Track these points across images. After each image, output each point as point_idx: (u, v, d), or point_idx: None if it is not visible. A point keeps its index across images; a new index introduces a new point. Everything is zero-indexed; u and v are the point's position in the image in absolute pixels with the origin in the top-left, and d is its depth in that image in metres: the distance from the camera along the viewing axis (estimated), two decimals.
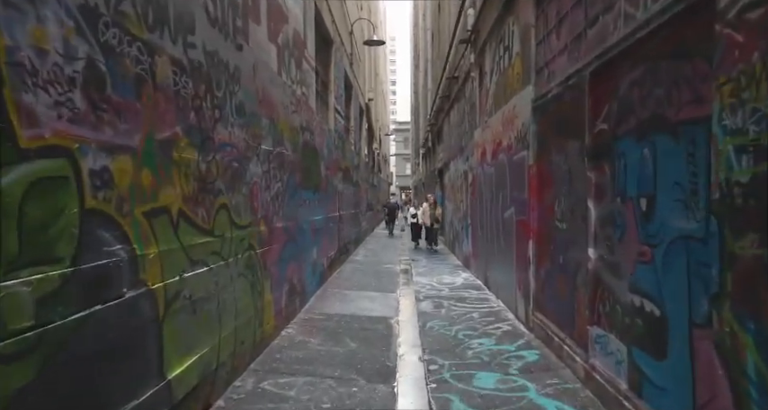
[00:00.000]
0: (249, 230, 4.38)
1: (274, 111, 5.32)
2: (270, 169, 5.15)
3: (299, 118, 6.68)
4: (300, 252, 6.64)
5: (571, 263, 4.15)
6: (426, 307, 6.88)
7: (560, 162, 4.44)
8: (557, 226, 4.54)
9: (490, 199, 7.69)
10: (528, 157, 5.40)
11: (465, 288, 8.29)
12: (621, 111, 3.18)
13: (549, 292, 4.77)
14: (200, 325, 3.22)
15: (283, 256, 5.68)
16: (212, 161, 3.52)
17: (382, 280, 9.25)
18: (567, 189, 4.26)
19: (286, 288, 5.78)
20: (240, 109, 4.18)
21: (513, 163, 6.07)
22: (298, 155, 6.55)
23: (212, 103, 3.54)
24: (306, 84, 7.28)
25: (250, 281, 4.40)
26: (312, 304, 7.10)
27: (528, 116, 5.33)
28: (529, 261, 5.34)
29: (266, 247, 4.94)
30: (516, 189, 5.96)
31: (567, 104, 4.25)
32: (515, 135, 5.95)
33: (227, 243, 3.78)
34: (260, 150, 4.77)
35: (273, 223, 5.26)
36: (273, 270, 5.23)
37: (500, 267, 7.02)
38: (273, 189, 5.29)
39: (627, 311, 3.07)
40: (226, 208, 3.79)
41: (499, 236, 7.02)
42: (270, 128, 5.16)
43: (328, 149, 9.38)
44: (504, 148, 6.63)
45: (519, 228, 5.86)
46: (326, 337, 5.40)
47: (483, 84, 8.41)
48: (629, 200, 3.05)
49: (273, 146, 5.30)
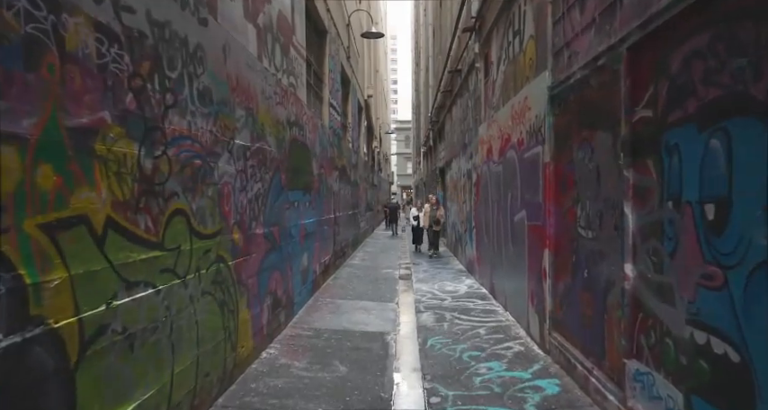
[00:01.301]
0: (218, 239, 3.72)
1: (253, 101, 4.65)
2: (247, 167, 4.48)
3: (286, 111, 6.01)
4: (286, 260, 5.97)
5: (599, 280, 3.47)
6: (427, 321, 6.21)
7: (585, 159, 3.76)
8: (580, 234, 3.87)
9: (497, 200, 7.01)
10: (543, 154, 4.72)
11: (469, 297, 7.61)
12: (674, 92, 2.51)
13: (570, 311, 4.10)
14: (140, 363, 2.56)
15: (265, 266, 5.02)
16: (162, 157, 2.85)
17: (380, 288, 8.58)
18: (593, 190, 3.59)
19: (268, 302, 5.12)
20: (205, 95, 3.51)
21: (525, 160, 5.40)
22: (284, 152, 5.88)
23: (162, 86, 2.87)
24: (294, 74, 6.61)
25: (219, 300, 3.74)
26: (301, 317, 6.43)
27: (543, 107, 4.66)
28: (544, 272, 4.66)
29: (242, 258, 4.28)
30: (528, 190, 5.29)
31: (593, 90, 3.58)
32: (527, 129, 5.28)
33: (184, 256, 3.12)
34: (233, 145, 4.11)
35: (252, 229, 4.59)
36: (251, 283, 4.56)
37: (509, 276, 6.35)
38: (252, 190, 4.62)
39: (683, 348, 2.39)
40: (183, 214, 3.12)
41: (508, 241, 6.35)
42: (247, 120, 4.49)
43: (322, 146, 8.71)
44: (513, 144, 5.96)
45: (532, 235, 5.19)
46: (313, 359, 4.73)
47: (489, 76, 7.73)
48: (686, 206, 2.37)
49: (252, 141, 4.63)
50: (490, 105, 7.63)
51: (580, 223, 3.86)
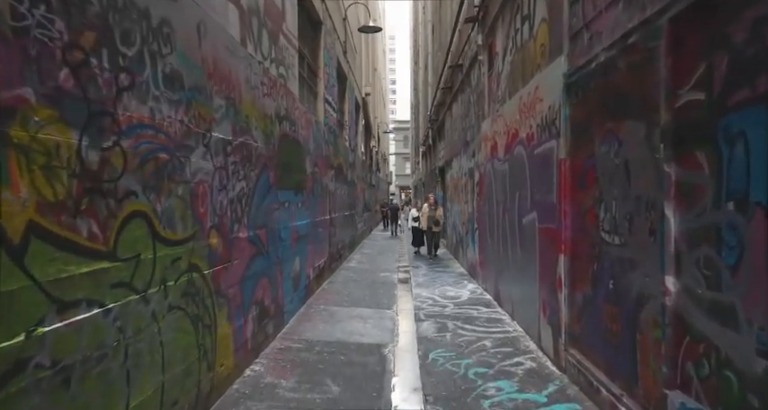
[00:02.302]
0: (190, 245, 3.24)
1: (235, 90, 4.18)
2: (228, 164, 4.00)
3: (275, 103, 5.54)
4: (275, 265, 5.49)
5: (629, 292, 3.00)
6: (428, 331, 5.74)
7: (609, 153, 3.30)
8: (603, 239, 3.40)
9: (503, 201, 6.54)
10: (557, 149, 4.26)
11: (472, 304, 7.14)
12: (738, 68, 2.04)
13: (591, 325, 3.63)
14: (80, 401, 2.08)
15: (250, 273, 4.54)
16: (114, 149, 2.37)
17: (377, 293, 8.10)
18: (621, 189, 3.12)
19: (254, 313, 4.64)
20: (173, 79, 3.03)
21: (536, 157, 4.93)
22: (272, 149, 5.40)
23: (114, 64, 2.39)
24: (285, 64, 6.14)
25: (192, 315, 3.26)
26: (292, 326, 5.95)
27: (558, 96, 4.19)
28: (559, 280, 4.19)
29: (221, 265, 3.80)
30: (540, 189, 4.82)
31: (621, 74, 3.11)
32: (538, 122, 4.81)
33: (144, 267, 2.64)
34: (210, 138, 3.63)
35: (234, 233, 4.11)
36: (233, 293, 4.09)
37: (516, 282, 5.88)
38: (234, 189, 4.15)
39: (753, 385, 1.92)
40: (143, 216, 2.65)
41: (515, 245, 5.88)
42: (228, 110, 4.01)
43: (316, 144, 8.23)
44: (521, 140, 5.49)
45: (543, 238, 4.72)
46: (303, 377, 4.26)
47: (493, 68, 7.26)
48: (756, 209, 1.90)
49: (234, 134, 4.16)
50: (494, 99, 7.16)
51: (603, 226, 3.39)
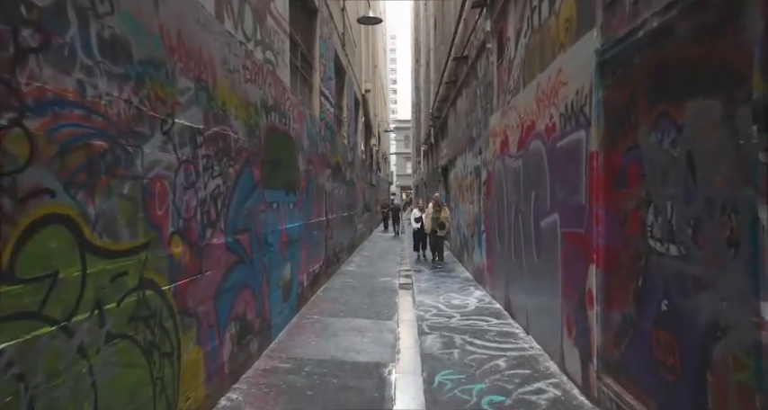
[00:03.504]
0: (142, 256, 2.60)
1: (207, 71, 3.54)
2: (198, 157, 3.37)
3: (261, 91, 4.90)
4: (261, 274, 4.85)
5: (696, 319, 2.36)
6: (433, 346, 5.10)
7: (662, 143, 2.66)
8: (652, 248, 2.76)
9: (516, 201, 5.90)
10: (587, 141, 3.62)
11: (481, 314, 6.49)
12: None
13: (636, 353, 2.98)
14: None
15: (228, 286, 3.90)
16: (12, 130, 1.74)
17: (377, 301, 7.46)
18: (681, 188, 2.48)
19: (232, 330, 4.00)
20: (116, 47, 2.40)
21: (558, 151, 4.29)
22: (258, 142, 4.77)
23: (13, 14, 1.76)
24: (273, 49, 5.50)
25: (143, 343, 2.62)
26: (281, 342, 5.31)
27: (588, 78, 3.55)
28: (590, 295, 3.55)
29: (188, 278, 3.16)
30: (563, 188, 4.18)
31: (685, 40, 2.47)
32: (562, 111, 4.17)
33: (65, 288, 2.00)
34: (172, 126, 2.99)
35: (206, 239, 3.48)
36: (205, 310, 3.45)
37: (532, 292, 5.24)
38: (206, 188, 3.51)
39: None
40: (65, 222, 2.01)
41: (530, 250, 5.24)
42: (198, 94, 3.38)
43: (311, 139, 7.59)
44: (539, 133, 4.85)
45: (568, 244, 4.08)
46: (288, 406, 3.62)
47: (503, 56, 6.62)
48: None
49: (207, 122, 3.52)
50: (505, 90, 6.52)
51: (653, 233, 2.75)
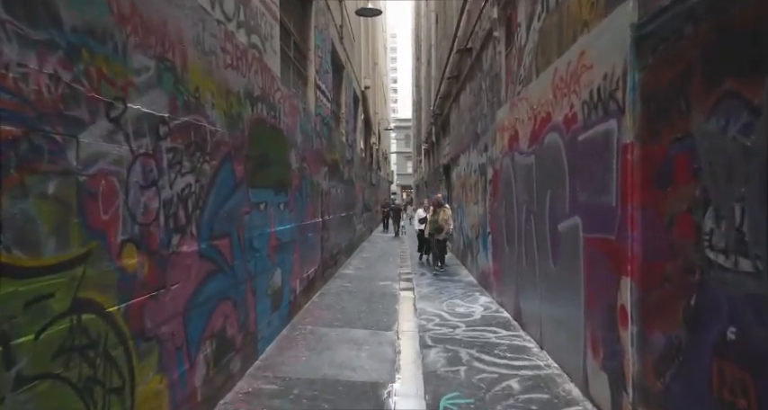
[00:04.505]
0: (77, 272, 2.08)
1: (174, 51, 3.02)
2: (162, 150, 2.85)
3: (245, 80, 4.38)
4: (244, 283, 4.33)
5: None
6: (437, 363, 4.59)
7: (726, 130, 2.13)
8: (712, 261, 2.23)
9: (527, 201, 5.38)
10: (619, 131, 3.09)
11: (488, 324, 5.97)
12: None
13: (686, 386, 2.46)
14: None
15: (201, 299, 3.38)
16: None
17: (375, 308, 6.94)
18: (755, 186, 1.96)
19: (208, 350, 3.49)
20: (36, 7, 1.88)
21: (580, 145, 3.77)
22: (241, 136, 4.25)
23: None
24: (260, 34, 4.98)
25: (77, 381, 2.10)
26: (268, 357, 4.79)
27: (622, 58, 3.03)
28: (623, 312, 3.03)
29: (146, 295, 2.65)
30: (587, 186, 3.66)
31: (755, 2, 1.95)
32: (585, 99, 3.65)
33: None
34: (125, 112, 2.47)
35: (172, 247, 2.96)
36: (170, 330, 2.93)
37: (547, 302, 4.72)
38: (173, 186, 2.99)
39: None
40: None
41: (545, 256, 4.72)
42: (162, 76, 2.86)
43: (305, 135, 7.08)
44: (556, 125, 4.33)
45: (593, 252, 3.56)
46: None
47: (513, 44, 6.11)
48: None
49: (174, 110, 3.00)
50: (515, 81, 6.00)
51: (712, 242, 2.23)
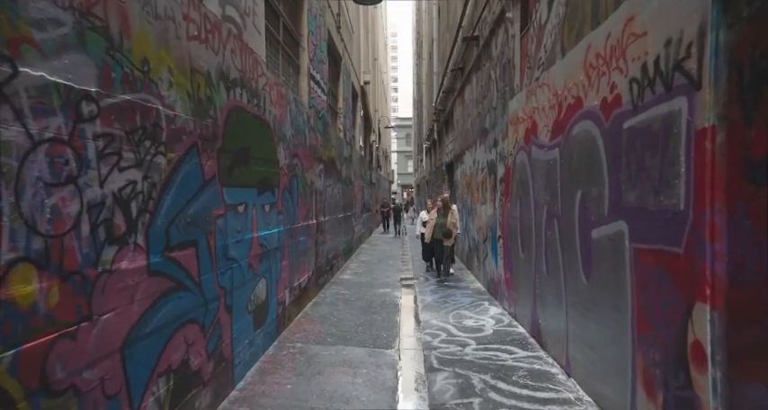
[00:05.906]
0: None
1: (105, 5, 2.30)
2: (85, 136, 2.12)
3: (218, 58, 3.66)
4: (216, 299, 3.61)
5: None
6: (445, 392, 3.87)
7: None
8: None
9: (549, 201, 4.65)
10: (691, 112, 2.37)
11: (502, 341, 5.24)
12: None
13: None
14: None
15: (151, 327, 2.66)
16: None
17: (374, 321, 6.21)
18: None
19: (159, 391, 2.76)
20: None
21: (627, 133, 3.03)
22: (213, 125, 3.53)
23: None
24: (240, 8, 4.26)
25: None
26: (247, 386, 4.06)
27: (698, 15, 2.30)
28: (698, 349, 2.30)
29: (54, 332, 1.92)
30: (638, 184, 2.92)
31: None
32: (635, 75, 2.91)
33: None
34: (11, 77, 1.75)
35: (102, 263, 2.24)
36: (100, 374, 2.20)
37: (576, 322, 3.98)
38: (105, 184, 2.27)
39: None
40: None
41: (575, 266, 3.99)
42: (86, 37, 2.13)
43: (296, 128, 6.35)
44: (589, 112, 3.60)
45: (647, 267, 2.83)
46: None
47: (531, 23, 5.37)
48: None
49: (107, 85, 2.28)
50: (532, 65, 5.27)
51: None
